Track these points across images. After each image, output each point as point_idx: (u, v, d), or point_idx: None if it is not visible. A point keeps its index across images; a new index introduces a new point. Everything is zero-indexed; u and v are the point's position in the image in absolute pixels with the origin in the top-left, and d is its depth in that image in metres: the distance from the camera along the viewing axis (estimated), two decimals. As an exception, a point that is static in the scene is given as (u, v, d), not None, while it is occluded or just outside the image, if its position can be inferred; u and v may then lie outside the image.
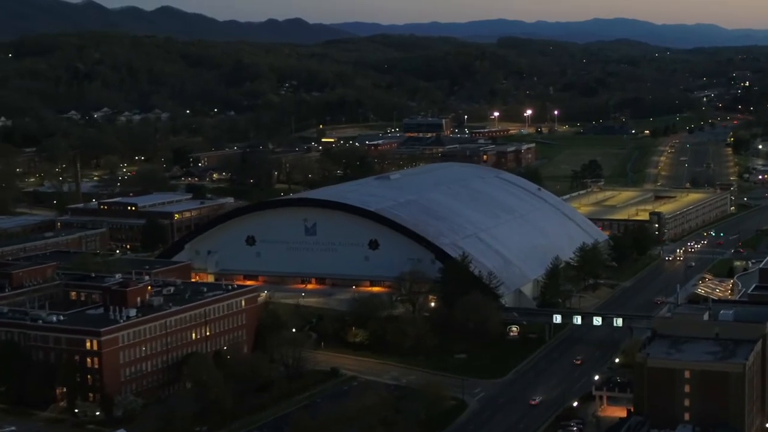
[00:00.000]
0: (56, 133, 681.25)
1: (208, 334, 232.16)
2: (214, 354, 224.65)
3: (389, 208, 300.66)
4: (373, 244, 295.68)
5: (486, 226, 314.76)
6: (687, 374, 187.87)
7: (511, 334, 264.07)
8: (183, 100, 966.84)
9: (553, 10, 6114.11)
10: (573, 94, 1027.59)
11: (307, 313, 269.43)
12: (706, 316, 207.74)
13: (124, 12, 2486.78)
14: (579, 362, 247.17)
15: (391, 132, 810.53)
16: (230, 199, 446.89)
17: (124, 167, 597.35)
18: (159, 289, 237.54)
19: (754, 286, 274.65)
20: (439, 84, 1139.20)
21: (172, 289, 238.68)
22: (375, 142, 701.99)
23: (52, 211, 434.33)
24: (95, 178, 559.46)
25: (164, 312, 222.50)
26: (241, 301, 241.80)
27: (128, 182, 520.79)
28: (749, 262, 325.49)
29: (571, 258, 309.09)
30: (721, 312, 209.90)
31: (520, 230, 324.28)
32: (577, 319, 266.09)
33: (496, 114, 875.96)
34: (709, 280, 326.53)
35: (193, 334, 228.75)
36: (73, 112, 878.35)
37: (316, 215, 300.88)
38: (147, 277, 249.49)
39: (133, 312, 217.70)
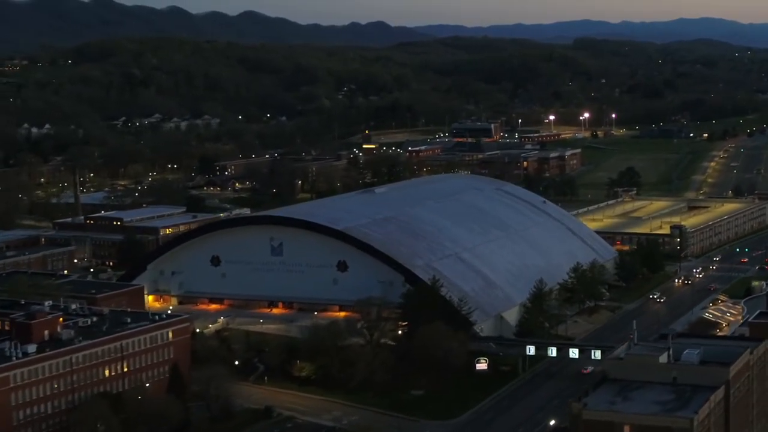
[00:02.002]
0: (90, 141, 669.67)
1: (125, 370, 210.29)
2: (117, 394, 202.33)
3: (361, 226, 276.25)
4: (342, 266, 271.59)
5: (472, 244, 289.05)
6: (627, 429, 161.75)
7: (479, 366, 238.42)
8: (238, 105, 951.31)
9: (639, 10, 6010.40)
10: (636, 96, 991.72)
11: (258, 342, 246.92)
12: (664, 357, 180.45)
13: (208, 17, 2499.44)
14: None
15: (439, 137, 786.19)
16: (246, 210, 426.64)
17: (150, 176, 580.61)
18: (76, 320, 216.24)
19: (758, 312, 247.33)
20: (504, 87, 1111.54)
21: (89, 320, 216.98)
22: (417, 148, 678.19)
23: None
24: (119, 188, 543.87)
25: (70, 347, 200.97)
26: (167, 332, 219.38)
27: (148, 192, 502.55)
28: (765, 283, 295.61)
29: (564, 279, 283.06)
30: (686, 352, 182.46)
31: (512, 248, 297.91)
32: (552, 351, 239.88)
33: (552, 117, 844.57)
34: (722, 302, 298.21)
35: (107, 371, 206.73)
36: (123, 118, 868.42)
37: (283, 234, 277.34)
38: (75, 306, 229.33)
39: (32, 347, 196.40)
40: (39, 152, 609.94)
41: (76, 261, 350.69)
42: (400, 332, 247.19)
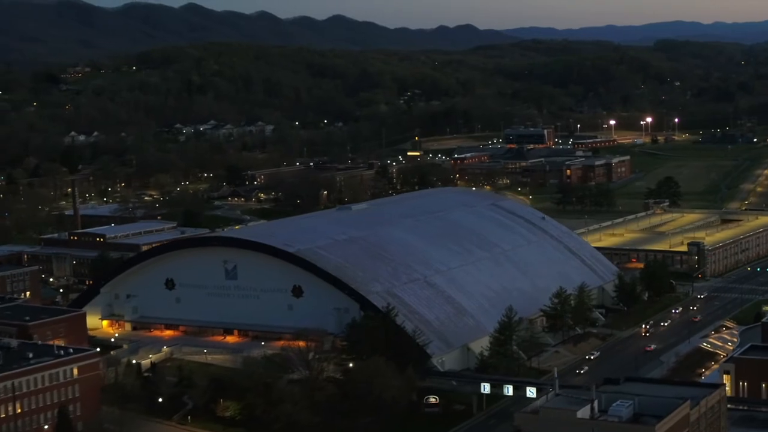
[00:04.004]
0: (129, 150, 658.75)
1: (18, 411, 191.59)
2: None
3: (319, 248, 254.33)
4: (297, 291, 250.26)
5: (446, 266, 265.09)
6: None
7: (428, 406, 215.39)
8: (297, 111, 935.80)
9: (733, 10, 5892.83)
10: (705, 99, 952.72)
11: (189, 376, 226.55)
12: (585, 412, 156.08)
13: (297, 22, 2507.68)
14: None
15: (492, 143, 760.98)
16: (263, 223, 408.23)
17: (179, 186, 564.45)
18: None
19: (748, 346, 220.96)
20: (573, 90, 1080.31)
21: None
22: (462, 156, 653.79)
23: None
24: (147, 198, 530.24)
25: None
26: (71, 369, 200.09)
27: (168, 203, 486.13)
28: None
29: (545, 305, 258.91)
30: (615, 404, 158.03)
31: (494, 271, 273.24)
32: (508, 389, 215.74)
33: (613, 122, 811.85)
34: (725, 330, 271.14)
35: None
36: (178, 125, 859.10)
37: (237, 256, 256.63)
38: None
39: None
40: (69, 162, 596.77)
41: (52, 279, 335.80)
42: (351, 365, 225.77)
